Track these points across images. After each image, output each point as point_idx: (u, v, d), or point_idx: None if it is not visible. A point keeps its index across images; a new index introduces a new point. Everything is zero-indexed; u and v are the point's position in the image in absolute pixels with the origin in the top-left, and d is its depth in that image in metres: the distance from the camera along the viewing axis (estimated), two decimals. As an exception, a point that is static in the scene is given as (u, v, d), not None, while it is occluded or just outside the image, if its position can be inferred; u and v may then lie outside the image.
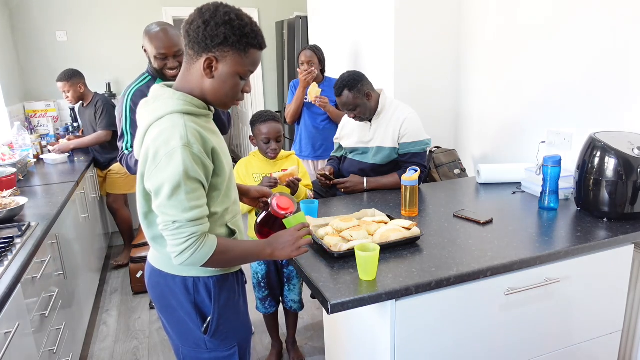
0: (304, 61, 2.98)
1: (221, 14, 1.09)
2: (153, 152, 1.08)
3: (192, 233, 1.09)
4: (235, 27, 1.09)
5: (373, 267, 1.27)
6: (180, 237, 1.08)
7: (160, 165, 1.06)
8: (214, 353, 1.29)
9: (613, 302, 1.64)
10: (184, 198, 1.07)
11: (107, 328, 2.71)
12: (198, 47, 1.10)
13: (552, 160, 1.74)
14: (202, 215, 1.11)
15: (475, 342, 1.42)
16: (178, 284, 1.24)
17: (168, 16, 4.68)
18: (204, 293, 1.25)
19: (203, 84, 1.14)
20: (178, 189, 1.06)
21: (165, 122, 1.10)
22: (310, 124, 3.07)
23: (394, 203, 1.95)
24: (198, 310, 1.26)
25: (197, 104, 1.15)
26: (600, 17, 1.95)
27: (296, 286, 2.20)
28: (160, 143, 1.07)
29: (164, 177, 1.06)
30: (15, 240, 1.71)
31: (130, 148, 1.94)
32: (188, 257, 1.10)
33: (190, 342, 1.30)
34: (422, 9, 2.74)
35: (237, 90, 1.17)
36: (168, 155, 1.06)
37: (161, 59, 1.93)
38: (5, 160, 2.71)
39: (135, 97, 1.95)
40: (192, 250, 1.09)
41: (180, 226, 1.08)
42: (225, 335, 1.29)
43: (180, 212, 1.07)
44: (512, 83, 2.49)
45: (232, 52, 1.10)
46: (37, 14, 4.23)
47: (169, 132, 1.07)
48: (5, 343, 1.30)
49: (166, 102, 1.13)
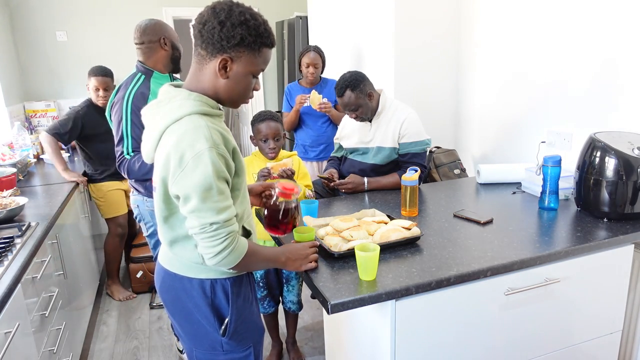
0: (309, 63, 2.97)
1: (236, 14, 1.08)
2: (178, 156, 1.06)
3: (229, 233, 1.10)
4: (251, 27, 1.09)
5: (373, 267, 1.27)
6: (218, 238, 1.09)
7: (187, 169, 1.05)
8: (230, 355, 1.28)
9: (613, 302, 1.64)
10: (217, 199, 1.08)
11: (107, 328, 2.71)
12: (212, 47, 1.09)
13: (552, 160, 1.74)
14: (233, 214, 1.12)
15: (475, 342, 1.42)
16: (195, 287, 1.23)
17: (168, 16, 4.68)
18: (221, 295, 1.24)
19: (217, 84, 1.13)
20: (210, 190, 1.06)
21: (185, 124, 1.08)
22: (310, 125, 3.08)
23: (394, 203, 1.95)
24: (216, 312, 1.25)
25: (211, 104, 1.14)
26: (600, 17, 1.94)
27: (295, 287, 2.20)
28: (185, 146, 1.05)
29: (195, 181, 1.05)
30: (15, 240, 1.71)
31: (131, 152, 1.91)
32: (224, 257, 1.11)
33: (205, 345, 1.28)
34: (422, 9, 2.74)
35: (250, 88, 1.17)
36: (195, 158, 1.05)
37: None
38: (5, 160, 2.71)
39: (136, 99, 1.93)
40: (229, 250, 1.11)
41: (218, 227, 1.09)
42: (242, 336, 1.29)
43: (216, 214, 1.08)
44: (512, 83, 2.49)
45: (247, 52, 1.10)
46: (37, 14, 4.23)
47: (192, 135, 1.06)
48: (5, 343, 1.30)
49: (183, 103, 1.11)
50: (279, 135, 2.05)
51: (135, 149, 1.91)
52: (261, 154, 2.09)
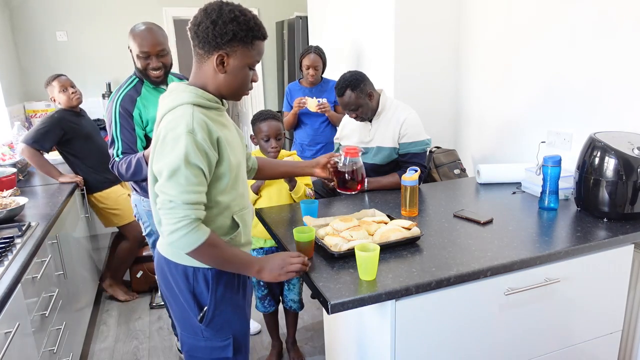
0: (310, 65, 2.97)
1: (226, 12, 1.16)
2: (162, 136, 1.17)
3: (185, 215, 1.13)
4: (242, 22, 1.17)
5: (373, 267, 1.27)
6: (173, 217, 1.13)
7: (165, 149, 1.15)
8: (210, 342, 1.35)
9: (613, 302, 1.64)
10: (183, 182, 1.13)
11: (107, 328, 2.71)
12: (208, 46, 1.18)
13: (552, 160, 1.74)
14: (198, 200, 1.16)
15: (475, 342, 1.42)
16: (180, 272, 1.30)
17: (168, 16, 4.68)
18: (202, 283, 1.29)
19: (217, 80, 1.22)
20: (177, 171, 1.13)
21: (176, 112, 1.19)
22: (309, 124, 3.08)
23: (394, 203, 1.95)
24: (196, 299, 1.31)
25: (207, 97, 1.23)
26: (600, 16, 1.95)
27: (296, 286, 2.20)
28: (168, 129, 1.16)
29: (167, 160, 1.14)
30: (16, 240, 1.71)
31: (121, 155, 1.89)
32: (178, 239, 1.14)
33: (189, 329, 1.36)
34: (422, 9, 2.74)
35: (248, 80, 1.25)
36: (173, 139, 1.14)
37: (144, 58, 1.88)
38: (5, 160, 2.71)
39: (124, 102, 1.90)
40: (182, 232, 1.14)
41: (175, 207, 1.13)
42: (220, 327, 1.34)
43: (177, 193, 1.13)
44: (512, 83, 2.49)
45: (240, 47, 1.18)
46: (38, 14, 4.23)
47: (178, 120, 1.16)
48: (6, 343, 1.30)
49: (180, 94, 1.21)
50: (280, 135, 2.06)
51: (125, 151, 1.89)
52: (262, 153, 2.10)
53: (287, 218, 1.83)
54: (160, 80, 1.95)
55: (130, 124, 1.90)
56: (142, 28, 1.88)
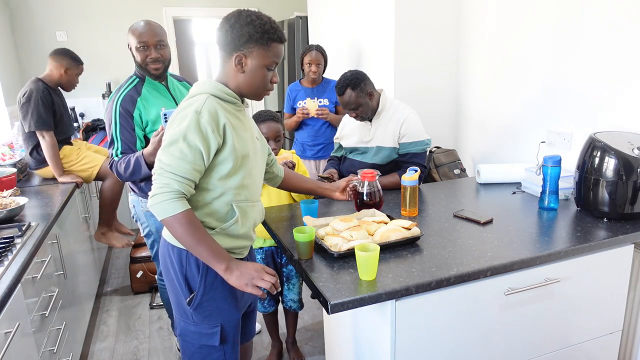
0: (311, 62, 2.99)
1: (243, 16, 1.27)
2: (175, 114, 1.29)
3: (167, 183, 1.21)
4: (257, 25, 1.26)
5: (373, 267, 1.27)
6: (159, 182, 1.21)
7: (173, 124, 1.26)
8: (198, 327, 1.38)
9: (613, 302, 1.64)
10: (177, 154, 1.21)
11: (107, 328, 2.71)
12: (228, 47, 1.28)
13: (552, 160, 1.74)
14: (186, 175, 1.22)
15: (475, 342, 1.42)
16: (175, 254, 1.36)
17: (168, 16, 4.68)
18: (194, 268, 1.34)
19: (237, 79, 1.32)
20: (175, 143, 1.22)
21: (194, 98, 1.30)
22: (309, 124, 3.08)
23: (394, 203, 1.95)
24: (187, 282, 1.36)
25: (226, 91, 1.32)
26: (600, 16, 1.95)
27: (295, 285, 2.20)
28: (181, 109, 1.28)
29: (171, 131, 1.24)
30: (16, 240, 1.71)
31: (120, 154, 1.89)
32: (155, 203, 1.21)
33: (181, 311, 1.40)
34: (422, 9, 2.74)
35: (267, 80, 1.33)
36: (181, 117, 1.25)
37: (142, 50, 1.89)
38: (5, 160, 2.71)
39: (124, 102, 1.90)
40: (160, 199, 1.20)
41: (163, 173, 1.22)
42: (208, 313, 1.37)
43: (169, 162, 1.22)
44: (512, 83, 2.49)
45: (257, 47, 1.27)
46: (37, 14, 4.23)
47: (191, 102, 1.27)
48: (6, 343, 1.30)
49: (202, 86, 1.33)
50: (280, 136, 2.06)
51: (125, 151, 1.89)
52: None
53: (287, 218, 1.83)
54: (160, 73, 1.97)
55: (130, 124, 1.90)
56: (140, 24, 1.92)
